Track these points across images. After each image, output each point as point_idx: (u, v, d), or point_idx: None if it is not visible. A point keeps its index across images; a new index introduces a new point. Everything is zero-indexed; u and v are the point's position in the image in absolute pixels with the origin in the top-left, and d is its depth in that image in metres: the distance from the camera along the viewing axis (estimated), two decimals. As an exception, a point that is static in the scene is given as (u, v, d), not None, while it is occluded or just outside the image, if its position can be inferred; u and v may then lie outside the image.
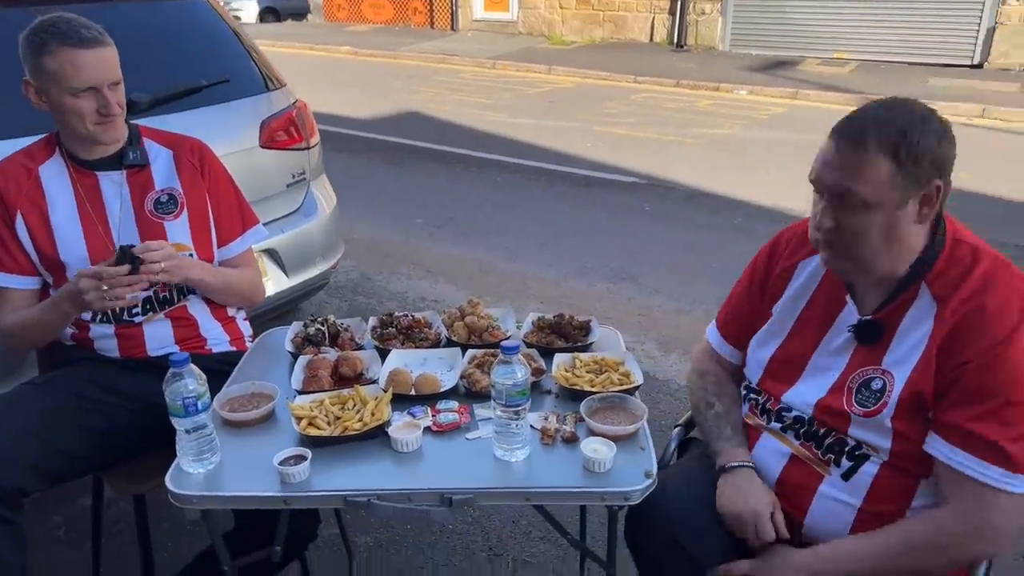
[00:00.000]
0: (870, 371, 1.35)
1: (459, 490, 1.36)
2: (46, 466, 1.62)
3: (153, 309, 1.87)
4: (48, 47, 1.67)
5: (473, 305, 1.93)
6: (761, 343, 1.54)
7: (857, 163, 1.24)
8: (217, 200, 1.96)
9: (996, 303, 1.25)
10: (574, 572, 2.24)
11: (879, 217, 1.26)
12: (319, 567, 2.26)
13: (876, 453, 1.33)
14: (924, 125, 1.23)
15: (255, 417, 1.56)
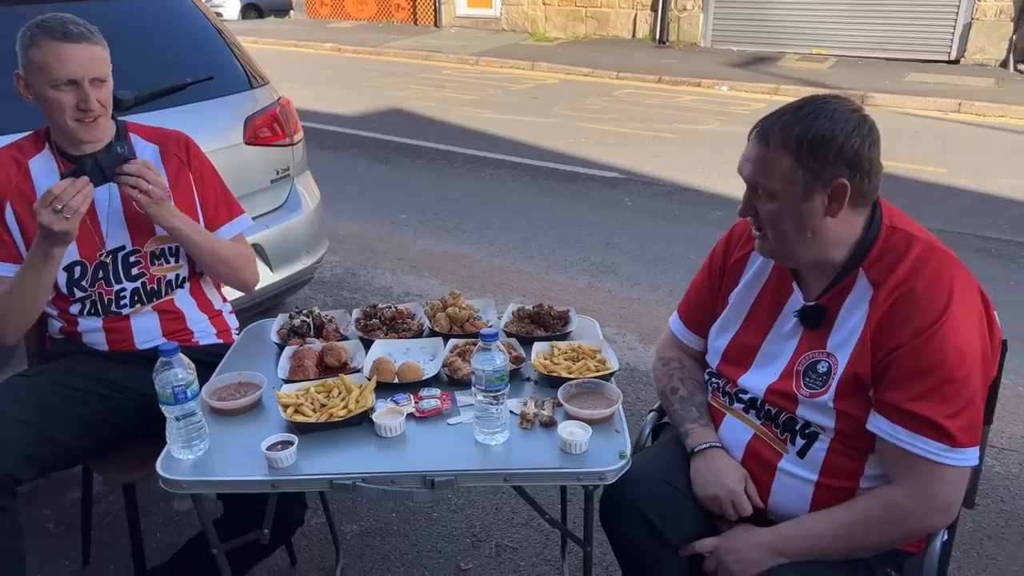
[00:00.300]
0: (816, 354, 1.42)
1: (441, 472, 1.42)
2: (38, 455, 1.66)
3: (141, 302, 1.91)
4: (36, 40, 1.71)
5: (455, 296, 1.98)
6: (719, 331, 1.61)
7: (763, 158, 1.33)
8: (203, 190, 2.00)
9: (925, 286, 1.30)
10: (555, 556, 2.30)
11: (786, 208, 1.33)
12: (307, 555, 2.31)
13: (823, 432, 1.40)
14: (832, 126, 1.28)
15: (243, 405, 1.60)
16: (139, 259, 1.90)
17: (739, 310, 1.59)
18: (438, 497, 2.55)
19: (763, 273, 1.56)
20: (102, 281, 1.88)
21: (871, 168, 1.32)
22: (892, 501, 1.34)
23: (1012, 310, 3.75)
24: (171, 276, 1.95)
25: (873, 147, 1.32)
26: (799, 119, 1.31)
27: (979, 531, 2.40)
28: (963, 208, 5.32)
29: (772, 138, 1.32)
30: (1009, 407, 3.06)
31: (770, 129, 1.33)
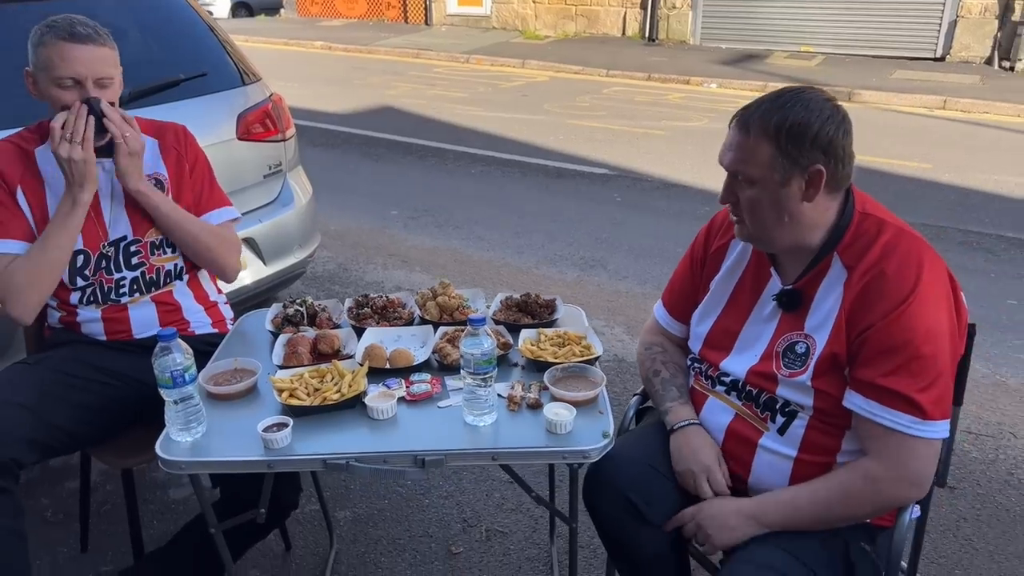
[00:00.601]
0: (794, 336, 1.48)
1: (431, 452, 1.47)
2: (40, 439, 1.71)
3: (140, 291, 1.96)
4: (44, 39, 1.76)
5: (444, 286, 2.03)
6: (701, 316, 1.67)
7: (744, 146, 1.39)
8: (193, 178, 2.05)
9: (895, 268, 1.37)
10: (544, 540, 2.36)
11: (765, 194, 1.40)
12: (301, 540, 2.36)
13: (802, 410, 1.46)
14: (808, 114, 1.35)
15: (239, 390, 1.65)
16: (139, 248, 1.95)
17: (720, 296, 1.65)
18: (428, 476, 2.61)
19: (743, 260, 1.62)
20: (103, 270, 1.93)
21: (844, 155, 1.39)
22: (869, 473, 1.39)
23: (991, 302, 3.85)
24: (169, 266, 2.00)
25: (846, 135, 1.38)
26: (777, 108, 1.37)
27: (955, 513, 2.48)
28: (946, 203, 5.41)
29: (752, 126, 1.38)
30: (987, 395, 3.13)
31: (750, 118, 1.39)
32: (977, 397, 3.11)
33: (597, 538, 2.29)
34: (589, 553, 2.30)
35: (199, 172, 2.07)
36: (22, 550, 1.71)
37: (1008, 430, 2.91)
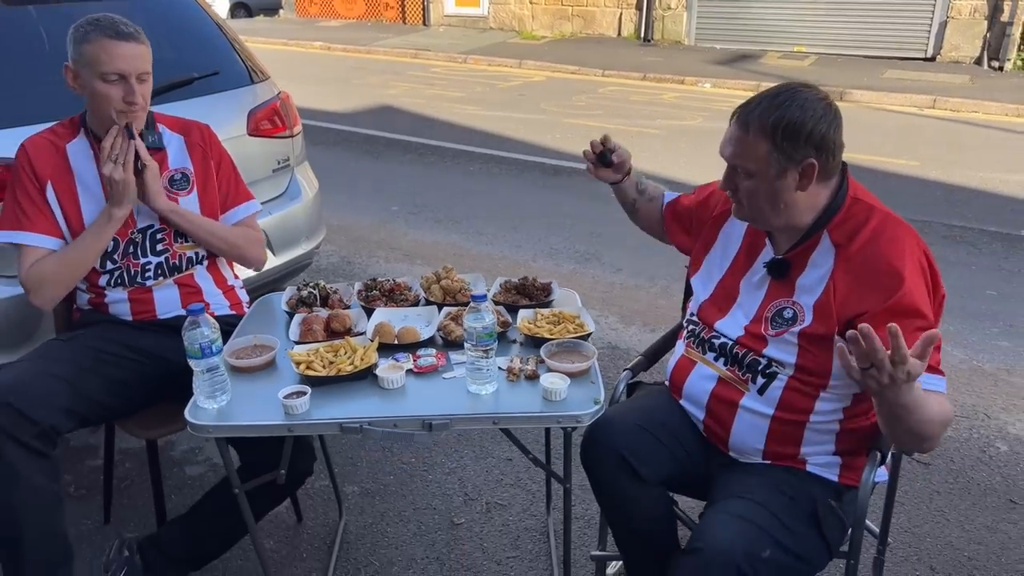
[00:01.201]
0: (783, 302, 1.63)
1: (438, 416, 1.61)
2: (76, 409, 1.85)
3: (164, 275, 2.10)
4: (89, 36, 1.90)
5: (447, 271, 2.17)
6: (703, 280, 1.82)
7: (743, 142, 1.54)
8: (220, 177, 2.20)
9: (886, 246, 1.51)
10: (541, 512, 2.50)
11: (762, 185, 1.54)
12: (311, 513, 2.51)
13: (783, 369, 1.60)
14: (803, 113, 1.48)
15: (259, 363, 1.79)
16: (164, 236, 2.09)
17: (724, 260, 1.79)
18: (431, 452, 2.75)
19: (741, 231, 1.78)
20: (131, 255, 2.07)
21: (835, 148, 1.53)
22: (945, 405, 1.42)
23: (972, 293, 4.00)
24: (191, 253, 2.14)
25: (837, 130, 1.53)
26: (775, 107, 1.51)
27: (929, 487, 2.62)
28: (932, 198, 5.56)
29: (751, 124, 1.52)
30: (963, 379, 3.28)
31: (749, 115, 1.53)
32: (955, 380, 3.26)
33: (591, 509, 2.45)
34: (583, 524, 2.44)
35: (225, 170, 2.23)
36: (61, 511, 1.86)
37: (982, 411, 3.06)
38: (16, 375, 1.81)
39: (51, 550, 1.85)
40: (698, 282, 1.84)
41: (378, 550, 2.35)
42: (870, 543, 1.98)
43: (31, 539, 1.81)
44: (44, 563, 1.84)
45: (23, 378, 1.80)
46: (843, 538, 1.65)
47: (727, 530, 1.48)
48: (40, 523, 1.82)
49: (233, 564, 2.29)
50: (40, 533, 1.82)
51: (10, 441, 1.74)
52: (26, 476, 1.77)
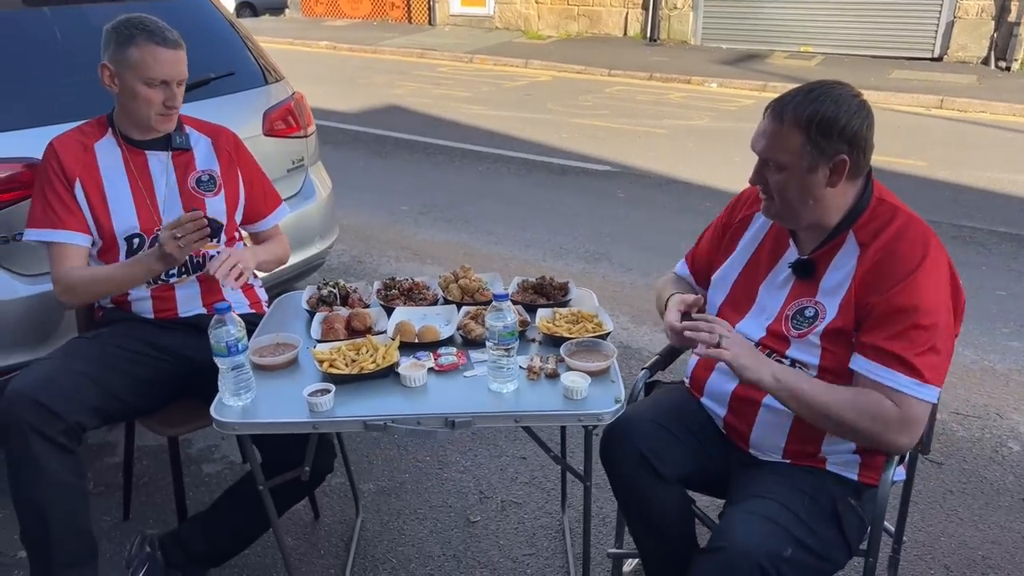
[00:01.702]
0: (805, 301, 1.63)
1: (460, 414, 1.63)
2: (101, 406, 1.87)
3: (187, 272, 2.13)
4: (135, 39, 1.93)
5: (465, 270, 2.19)
6: (722, 279, 1.82)
7: (776, 134, 1.54)
8: (250, 188, 2.26)
9: (905, 247, 1.53)
10: (556, 510, 2.52)
11: (793, 178, 1.55)
12: (329, 510, 2.52)
13: (806, 370, 1.60)
14: (837, 109, 1.50)
15: (283, 361, 1.81)
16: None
17: (741, 262, 1.80)
18: (445, 451, 2.77)
19: (763, 231, 1.78)
20: None
21: (866, 145, 1.55)
22: (884, 406, 1.48)
23: (981, 294, 4.01)
24: (213, 252, 2.16)
25: (869, 128, 1.54)
26: (809, 101, 1.52)
27: (942, 487, 2.63)
28: (940, 199, 5.57)
29: (786, 116, 1.53)
30: (975, 379, 3.29)
31: (784, 108, 1.54)
32: (966, 381, 3.27)
33: (606, 507, 2.46)
34: (599, 521, 2.45)
35: (255, 181, 2.28)
36: (85, 508, 1.88)
37: (994, 411, 3.07)
38: (44, 372, 1.84)
39: (77, 546, 1.88)
40: (714, 283, 1.85)
41: (395, 547, 2.37)
42: (885, 542, 1.99)
43: (58, 535, 1.83)
44: (71, 559, 1.87)
45: (51, 375, 1.83)
46: (862, 536, 1.66)
47: (750, 529, 1.49)
48: (66, 519, 1.84)
49: (252, 560, 2.31)
50: (66, 529, 1.85)
51: (38, 437, 1.76)
52: (52, 472, 1.79)
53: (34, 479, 1.78)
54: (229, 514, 2.02)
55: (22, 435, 1.76)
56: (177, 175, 2.11)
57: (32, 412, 1.75)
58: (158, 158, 2.10)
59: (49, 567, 1.84)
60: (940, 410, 3.00)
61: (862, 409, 1.50)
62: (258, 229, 2.36)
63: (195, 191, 2.13)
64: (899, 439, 1.52)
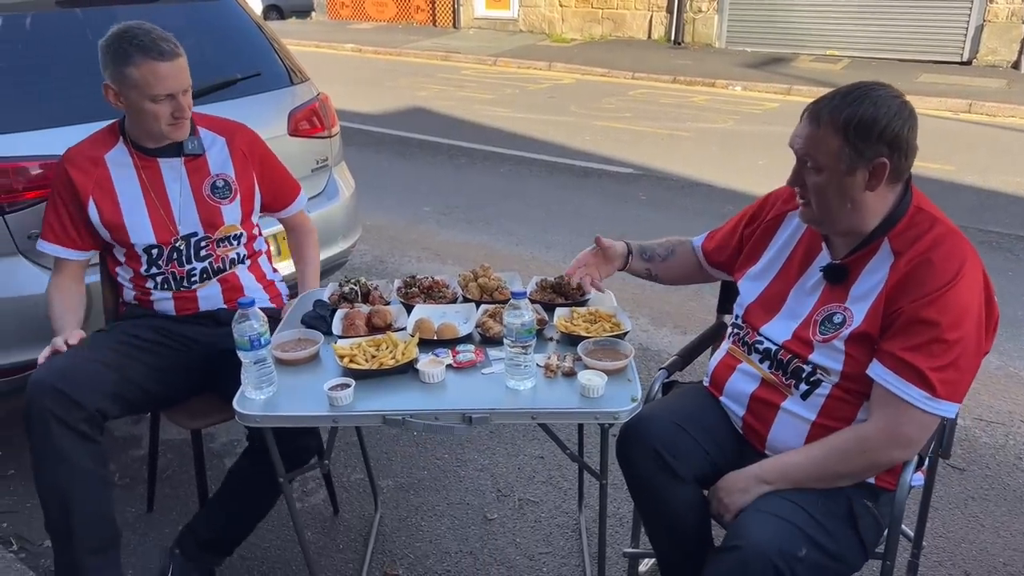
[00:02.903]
0: (834, 307, 1.62)
1: (478, 410, 1.64)
2: (122, 394, 1.92)
3: (208, 277, 2.18)
4: (132, 58, 1.91)
5: (484, 269, 2.21)
6: (753, 280, 1.81)
7: (814, 135, 1.53)
8: (269, 177, 2.28)
9: (940, 259, 1.50)
10: (573, 509, 2.53)
11: (832, 181, 1.53)
12: (348, 506, 2.55)
13: (828, 376, 1.60)
14: (876, 110, 1.47)
15: (304, 356, 1.84)
16: (207, 243, 2.16)
17: (774, 264, 1.79)
18: (464, 449, 2.79)
19: (797, 234, 1.77)
20: (175, 262, 2.14)
21: (908, 148, 1.52)
22: (861, 434, 1.54)
23: (1009, 299, 3.96)
24: (233, 255, 2.21)
25: (912, 130, 1.51)
26: (848, 103, 1.50)
27: (964, 493, 2.61)
28: (967, 204, 5.50)
29: (823, 119, 1.52)
30: (1000, 385, 3.25)
31: (821, 110, 1.53)
32: (990, 387, 3.23)
33: (623, 507, 2.47)
34: (615, 521, 2.46)
35: (269, 170, 2.30)
36: (108, 495, 1.93)
37: (1018, 418, 3.03)
38: (64, 362, 1.88)
39: (100, 533, 1.92)
40: (746, 284, 1.84)
41: (413, 543, 2.39)
42: (904, 547, 1.97)
43: (80, 522, 1.87)
44: (94, 545, 1.91)
45: (71, 364, 1.87)
46: (879, 539, 1.66)
47: (764, 528, 1.49)
48: (88, 507, 1.88)
49: (272, 553, 2.35)
50: (88, 516, 1.89)
51: (59, 426, 1.80)
52: (74, 460, 1.83)
53: (57, 468, 1.83)
54: (226, 498, 2.06)
55: (44, 424, 1.80)
56: (191, 181, 2.13)
57: (53, 401, 1.79)
58: (170, 165, 2.12)
59: (73, 554, 1.88)
60: (963, 416, 2.99)
61: (844, 449, 1.55)
62: (280, 217, 2.41)
63: (210, 199, 2.15)
64: (892, 454, 1.54)
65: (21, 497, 2.58)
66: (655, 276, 2.10)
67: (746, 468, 1.66)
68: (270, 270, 2.38)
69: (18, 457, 2.78)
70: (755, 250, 1.84)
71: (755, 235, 1.85)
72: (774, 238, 1.81)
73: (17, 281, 2.44)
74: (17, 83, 2.66)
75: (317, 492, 2.61)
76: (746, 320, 1.80)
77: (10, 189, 2.40)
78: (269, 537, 2.41)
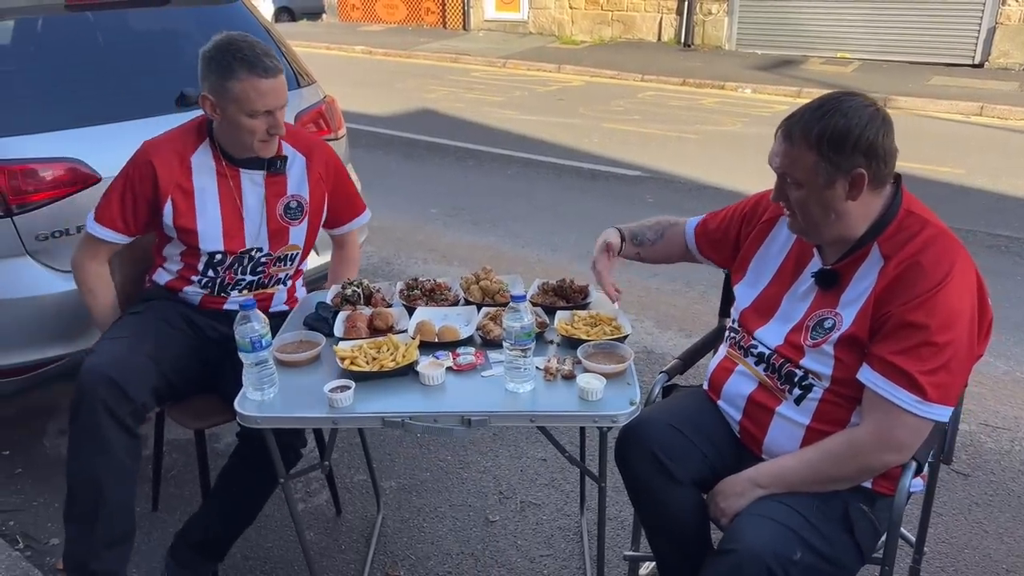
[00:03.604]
0: (825, 312, 1.63)
1: (477, 412, 1.65)
2: (159, 387, 1.95)
3: (250, 289, 2.20)
4: (236, 73, 1.90)
5: (486, 272, 2.22)
6: (747, 287, 1.82)
7: (789, 153, 1.54)
8: (336, 197, 2.29)
9: (929, 261, 1.50)
10: (574, 511, 2.54)
11: (812, 195, 1.54)
12: (350, 507, 2.57)
13: (820, 381, 1.61)
14: (848, 121, 1.48)
15: (305, 358, 1.85)
16: (267, 261, 2.19)
17: (770, 269, 1.80)
18: (466, 451, 2.80)
19: (789, 240, 1.77)
20: (232, 270, 2.16)
21: (886, 155, 1.51)
22: (853, 438, 1.54)
23: (1017, 304, 3.93)
24: (282, 275, 2.25)
25: (887, 136, 1.51)
26: (818, 117, 1.50)
27: (969, 499, 2.60)
28: (977, 207, 5.46)
29: (795, 135, 1.53)
30: (1006, 391, 3.23)
31: (793, 127, 1.54)
32: (996, 392, 3.22)
33: (624, 510, 2.47)
34: (617, 525, 2.47)
35: (343, 190, 2.32)
36: (135, 491, 1.99)
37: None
38: (117, 352, 1.90)
39: (121, 526, 1.97)
40: (741, 288, 1.85)
41: (414, 544, 2.40)
42: (906, 552, 1.97)
43: (106, 513, 1.91)
44: (113, 538, 1.95)
45: (123, 355, 1.90)
46: (875, 544, 1.66)
47: (759, 532, 1.50)
48: (117, 499, 1.93)
49: (274, 554, 2.37)
50: (116, 508, 1.93)
51: (108, 416, 1.84)
52: (115, 451, 1.87)
53: (95, 457, 1.86)
54: (219, 500, 2.08)
55: (94, 412, 1.83)
56: (268, 197, 2.13)
57: (107, 390, 1.82)
58: (251, 178, 2.12)
59: (91, 544, 1.92)
60: (968, 421, 2.98)
61: (837, 453, 1.55)
62: (335, 233, 2.43)
63: (283, 219, 2.16)
64: (884, 458, 1.54)
65: (28, 496, 2.61)
66: (643, 258, 2.15)
67: (742, 472, 1.66)
68: (301, 288, 2.42)
69: (25, 456, 2.81)
70: (749, 252, 1.85)
71: (750, 236, 1.86)
72: (767, 240, 1.82)
73: (26, 282, 2.47)
74: (27, 85, 2.70)
75: (320, 493, 2.63)
76: (742, 324, 1.81)
77: (19, 191, 2.43)
78: (271, 537, 2.43)
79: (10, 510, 2.53)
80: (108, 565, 1.95)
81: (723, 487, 1.67)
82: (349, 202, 2.38)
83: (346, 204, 2.37)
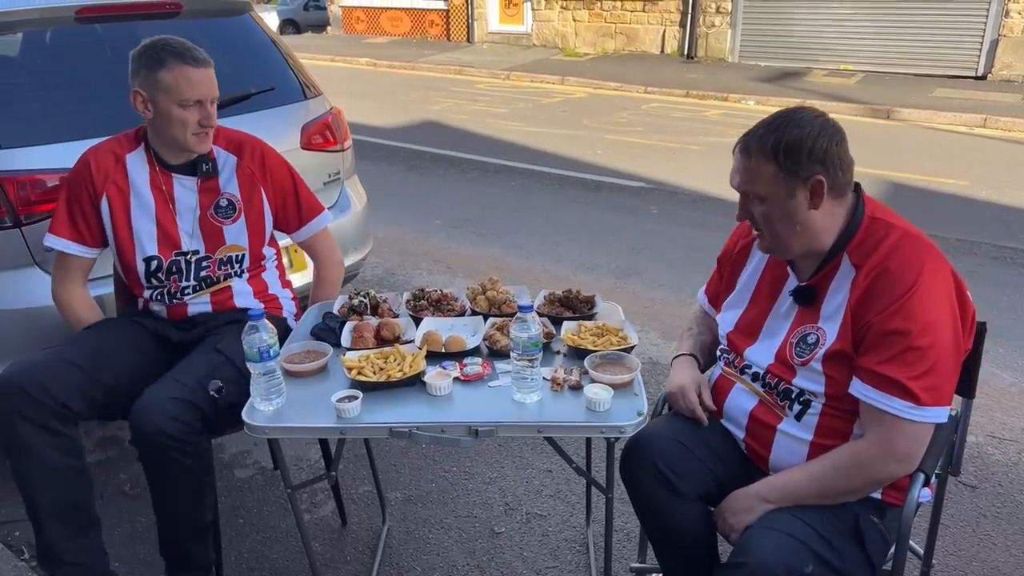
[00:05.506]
0: (807, 328, 1.63)
1: (483, 423, 1.65)
2: (89, 392, 1.93)
3: (201, 289, 2.19)
4: (166, 63, 1.95)
5: (493, 282, 2.22)
6: (729, 309, 1.84)
7: (748, 167, 1.56)
8: (282, 195, 2.25)
9: (897, 266, 1.51)
10: (580, 523, 2.53)
11: (775, 207, 1.56)
12: (356, 518, 2.56)
13: (815, 398, 1.61)
14: (801, 131, 1.51)
15: (313, 368, 1.86)
16: (209, 264, 2.19)
17: (745, 292, 1.81)
18: (472, 462, 2.79)
19: (763, 262, 1.79)
20: (176, 276, 2.16)
21: (841, 163, 1.54)
22: (858, 451, 1.54)
23: (1022, 316, 3.92)
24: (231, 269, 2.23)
25: (840, 144, 1.54)
26: (772, 130, 1.54)
27: (976, 511, 2.58)
28: (982, 219, 5.45)
29: (752, 150, 1.56)
30: (1013, 402, 3.22)
31: (750, 142, 1.57)
32: (1003, 404, 3.20)
33: (631, 522, 2.46)
34: (623, 536, 2.45)
35: (284, 192, 2.26)
36: (79, 484, 1.99)
37: (1032, 435, 3.00)
38: (28, 362, 1.93)
39: (68, 518, 1.98)
40: (724, 314, 1.87)
41: (420, 555, 2.39)
42: (915, 564, 1.96)
43: (46, 506, 1.95)
44: (68, 532, 1.97)
45: (35, 363, 1.92)
46: (885, 556, 1.65)
47: (770, 545, 1.49)
48: (54, 494, 1.94)
49: (279, 564, 2.36)
50: (54, 502, 1.95)
51: (25, 423, 1.86)
52: (42, 455, 1.89)
53: (21, 462, 1.89)
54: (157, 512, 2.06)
55: (10, 422, 1.86)
56: (201, 201, 2.14)
57: (16, 399, 1.84)
58: (183, 184, 2.13)
59: (49, 540, 1.97)
60: (976, 433, 2.97)
61: (842, 467, 1.55)
62: (298, 239, 2.35)
63: (214, 218, 2.16)
64: (889, 469, 1.54)
65: (34, 506, 2.60)
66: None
67: (749, 487, 1.65)
68: (276, 283, 2.35)
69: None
70: (731, 281, 1.87)
71: (730, 268, 1.88)
72: (744, 268, 1.84)
73: (34, 292, 2.48)
74: (36, 97, 2.72)
75: (325, 504, 2.62)
76: (731, 345, 1.81)
77: (28, 201, 2.44)
78: (277, 548, 2.42)
79: (16, 520, 2.53)
80: (75, 557, 1.99)
81: (730, 503, 1.66)
82: (300, 202, 2.30)
83: (296, 204, 2.29)
